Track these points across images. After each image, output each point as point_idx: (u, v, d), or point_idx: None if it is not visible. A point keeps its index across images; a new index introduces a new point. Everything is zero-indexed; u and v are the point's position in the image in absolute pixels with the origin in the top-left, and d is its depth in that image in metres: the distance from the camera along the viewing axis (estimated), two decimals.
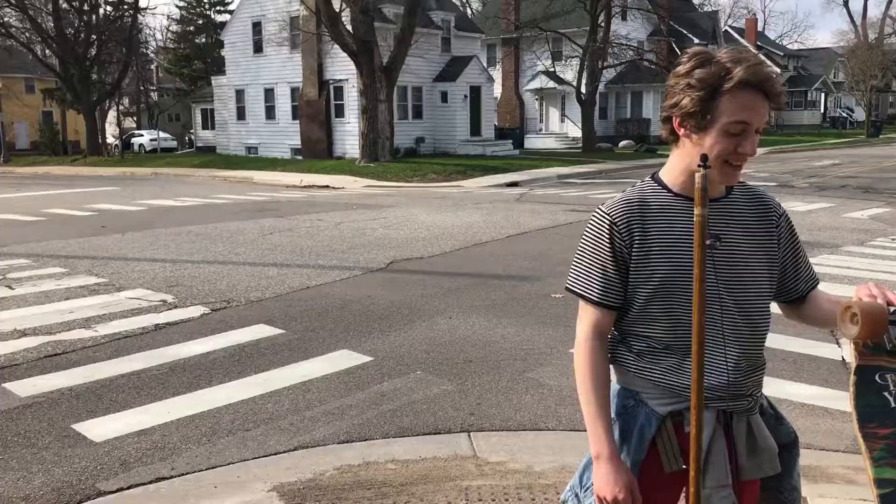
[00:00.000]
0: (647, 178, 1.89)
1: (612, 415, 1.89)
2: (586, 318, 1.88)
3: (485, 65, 37.31)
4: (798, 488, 1.92)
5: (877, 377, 1.62)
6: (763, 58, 2.07)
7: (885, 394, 1.61)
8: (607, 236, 1.81)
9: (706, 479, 1.76)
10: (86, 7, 41.90)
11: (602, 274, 1.83)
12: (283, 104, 33.89)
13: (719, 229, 1.79)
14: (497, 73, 42.73)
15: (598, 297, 1.85)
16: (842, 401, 4.76)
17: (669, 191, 1.83)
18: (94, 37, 41.57)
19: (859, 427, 1.62)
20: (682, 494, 1.86)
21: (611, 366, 1.91)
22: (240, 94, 35.72)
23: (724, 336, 1.78)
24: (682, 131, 1.77)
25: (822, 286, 1.99)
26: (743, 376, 1.80)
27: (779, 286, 1.91)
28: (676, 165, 1.83)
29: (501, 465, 3.91)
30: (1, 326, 6.80)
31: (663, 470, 1.83)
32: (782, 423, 1.92)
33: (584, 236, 1.87)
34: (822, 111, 61.88)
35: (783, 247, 1.90)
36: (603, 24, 35.38)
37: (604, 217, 1.82)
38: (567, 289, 1.92)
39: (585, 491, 1.89)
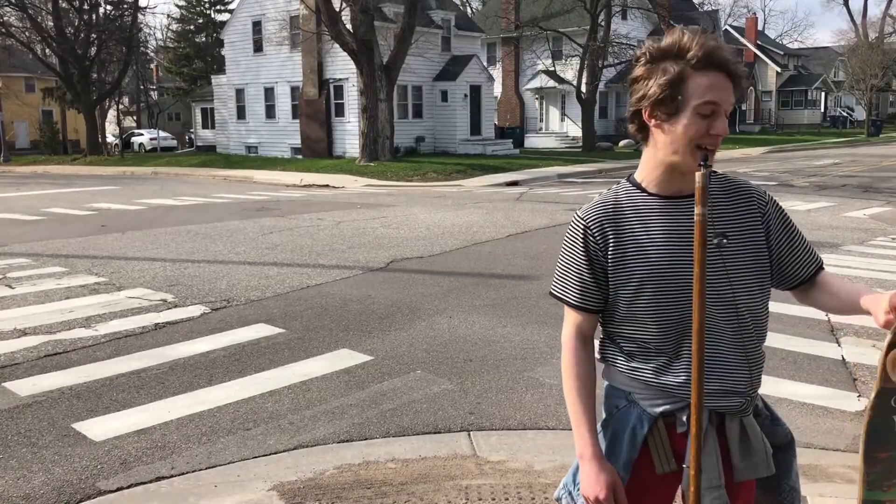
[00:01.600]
0: (622, 181, 1.88)
1: (605, 414, 1.90)
2: (568, 320, 1.90)
3: (485, 64, 37.31)
4: (797, 489, 1.91)
5: (892, 401, 1.61)
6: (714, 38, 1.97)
7: (895, 417, 1.61)
8: (581, 240, 1.82)
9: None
10: (86, 6, 41.89)
11: (579, 278, 1.84)
12: (283, 103, 33.89)
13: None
14: (497, 73, 42.75)
15: (576, 301, 1.86)
16: (842, 400, 4.76)
17: (644, 190, 1.81)
18: (94, 36, 41.56)
19: (864, 449, 1.62)
20: (677, 495, 1.86)
21: (602, 365, 1.92)
22: (240, 93, 35.72)
23: (713, 335, 1.77)
24: (652, 122, 1.75)
25: None
26: (735, 376, 1.78)
27: (780, 274, 1.87)
28: (649, 161, 1.81)
29: (501, 464, 3.91)
30: (1, 326, 6.80)
31: (656, 471, 1.83)
32: (778, 425, 1.91)
33: (563, 241, 1.89)
34: (823, 110, 61.85)
35: (775, 234, 1.84)
36: (603, 24, 35.39)
37: (579, 221, 1.83)
38: (550, 293, 1.94)
39: (578, 489, 1.90)
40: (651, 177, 1.81)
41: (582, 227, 1.82)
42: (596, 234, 1.80)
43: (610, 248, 1.79)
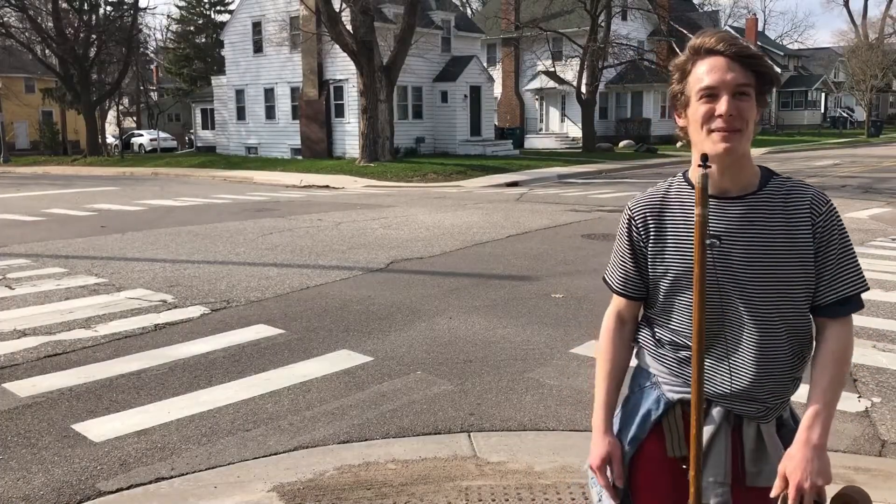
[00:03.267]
0: (679, 174, 1.91)
1: (627, 391, 1.98)
2: (612, 303, 2.01)
3: (485, 65, 37.31)
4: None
5: None
6: (732, 33, 1.94)
7: None
8: (626, 230, 1.90)
9: (704, 473, 1.77)
10: (86, 7, 41.91)
11: (622, 266, 1.93)
12: (283, 104, 33.89)
13: (738, 226, 1.74)
14: (497, 73, 42.75)
15: (617, 287, 1.96)
16: (841, 400, 4.74)
17: (693, 186, 1.82)
18: (94, 37, 41.59)
19: None
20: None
21: (636, 347, 2.00)
22: (240, 94, 35.72)
23: (732, 337, 1.77)
24: (680, 121, 1.81)
25: None
26: (752, 380, 1.77)
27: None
28: (693, 158, 1.83)
29: (501, 465, 3.91)
30: (1, 326, 6.80)
31: (667, 454, 1.85)
32: None
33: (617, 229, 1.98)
34: (823, 111, 61.80)
35: (818, 248, 1.76)
36: (603, 24, 35.39)
37: (626, 212, 1.91)
38: (602, 277, 2.05)
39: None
40: (696, 173, 1.81)
41: (627, 217, 1.90)
42: (639, 226, 1.86)
43: (651, 240, 1.85)
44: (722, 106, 1.68)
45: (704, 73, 1.71)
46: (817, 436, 1.72)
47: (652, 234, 1.84)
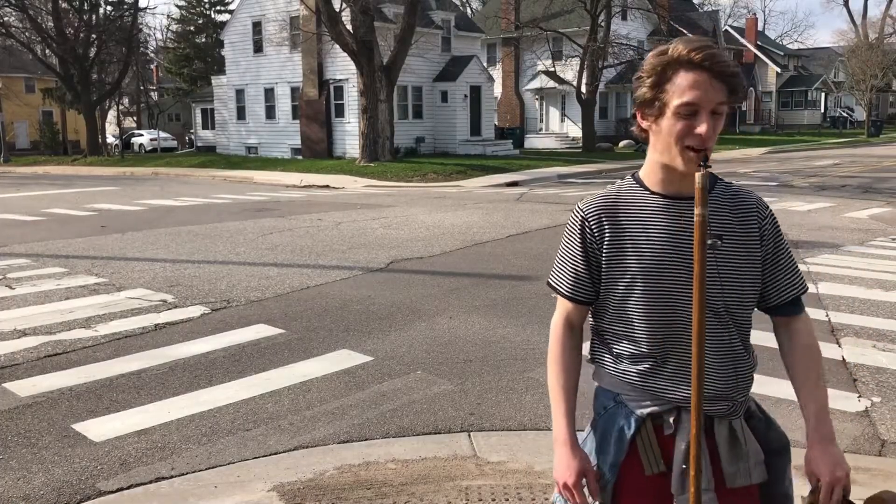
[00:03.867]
0: (627, 176, 1.89)
1: (594, 415, 1.92)
2: (559, 309, 1.94)
3: (485, 64, 37.30)
4: (790, 495, 1.87)
5: None
6: (713, 43, 1.93)
7: None
8: (578, 232, 1.84)
9: (685, 482, 1.73)
10: (86, 7, 41.92)
11: (573, 269, 1.86)
12: (283, 104, 33.89)
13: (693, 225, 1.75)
14: (497, 73, 42.75)
15: (568, 292, 1.88)
16: (841, 400, 4.76)
17: (646, 188, 1.82)
18: (94, 36, 41.60)
19: None
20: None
21: (593, 366, 1.94)
22: (240, 93, 35.72)
23: (688, 338, 1.74)
24: (644, 123, 1.77)
25: (823, 286, 1.95)
26: (720, 379, 1.77)
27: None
28: (649, 160, 1.82)
29: (502, 464, 3.91)
30: (1, 326, 6.80)
31: (644, 472, 1.80)
32: (772, 429, 1.88)
33: (563, 232, 1.92)
34: (823, 111, 61.81)
35: (765, 250, 1.83)
36: (603, 24, 35.40)
37: (577, 213, 1.86)
38: (547, 282, 1.96)
39: None
40: (652, 176, 1.81)
41: (580, 218, 1.84)
42: (593, 227, 1.82)
43: (606, 242, 1.81)
44: (702, 126, 1.67)
45: (686, 87, 1.66)
46: (829, 430, 1.79)
47: (607, 235, 1.80)
